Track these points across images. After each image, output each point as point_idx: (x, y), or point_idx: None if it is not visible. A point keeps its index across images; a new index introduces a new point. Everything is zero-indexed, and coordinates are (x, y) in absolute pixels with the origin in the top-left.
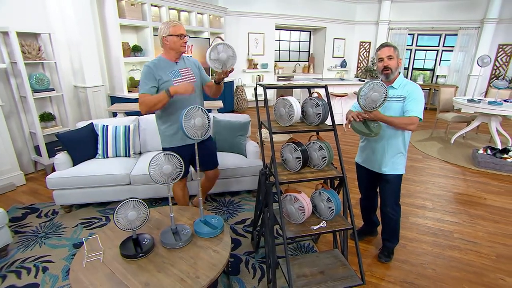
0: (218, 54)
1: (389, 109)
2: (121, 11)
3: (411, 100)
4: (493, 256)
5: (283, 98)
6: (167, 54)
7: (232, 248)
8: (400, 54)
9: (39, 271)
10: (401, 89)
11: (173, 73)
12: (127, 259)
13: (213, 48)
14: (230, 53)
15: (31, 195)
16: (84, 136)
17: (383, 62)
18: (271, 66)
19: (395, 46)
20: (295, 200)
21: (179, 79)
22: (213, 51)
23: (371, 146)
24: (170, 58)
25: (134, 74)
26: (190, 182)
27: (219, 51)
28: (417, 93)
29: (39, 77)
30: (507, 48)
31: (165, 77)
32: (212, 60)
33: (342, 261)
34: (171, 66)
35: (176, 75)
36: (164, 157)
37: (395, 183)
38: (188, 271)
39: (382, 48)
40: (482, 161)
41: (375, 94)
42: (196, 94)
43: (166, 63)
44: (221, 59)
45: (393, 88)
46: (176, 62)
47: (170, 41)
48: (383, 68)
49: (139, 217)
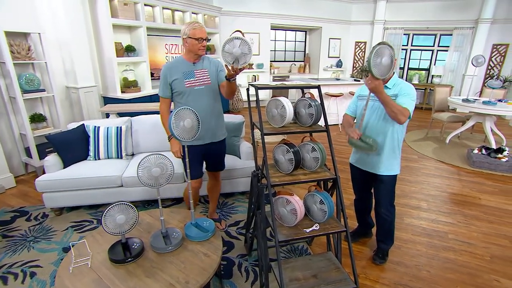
0: (233, 48)
1: (383, 110)
2: (113, 10)
3: (402, 95)
4: (487, 257)
5: (275, 99)
6: (186, 55)
7: (225, 250)
8: (395, 54)
9: (27, 277)
10: (395, 89)
11: (186, 73)
12: (115, 264)
13: (230, 40)
14: (246, 50)
15: (21, 198)
16: (75, 137)
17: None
18: (266, 66)
19: (391, 46)
20: (287, 203)
21: (192, 80)
22: (229, 43)
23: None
24: (189, 59)
25: (128, 74)
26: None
27: (235, 45)
28: (408, 90)
29: (29, 78)
30: (501, 48)
31: (176, 75)
32: (225, 52)
33: (335, 264)
34: (188, 66)
35: (189, 76)
36: (154, 160)
37: (390, 184)
38: (177, 276)
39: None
40: (477, 161)
41: (385, 59)
42: (210, 96)
43: (183, 63)
44: (235, 54)
45: (387, 88)
46: (194, 63)
47: (190, 43)
48: None
49: (128, 221)
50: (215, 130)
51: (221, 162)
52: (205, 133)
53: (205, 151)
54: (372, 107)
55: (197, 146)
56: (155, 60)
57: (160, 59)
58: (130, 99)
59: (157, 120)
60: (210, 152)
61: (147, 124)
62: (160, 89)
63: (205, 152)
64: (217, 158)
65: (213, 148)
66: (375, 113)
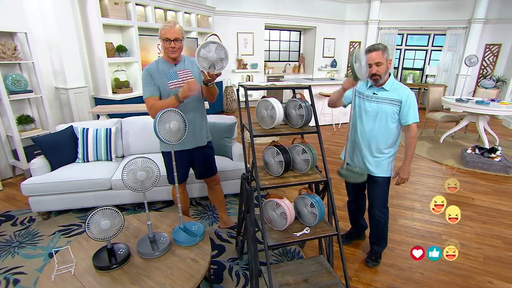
0: (208, 53)
1: (381, 111)
2: (104, 10)
3: (408, 107)
4: (480, 258)
5: (265, 100)
6: (165, 56)
7: (216, 254)
8: (390, 54)
9: (10, 284)
10: (393, 92)
11: (169, 75)
12: (100, 270)
13: (205, 45)
14: (222, 55)
15: (7, 202)
16: (63, 139)
17: (371, 68)
18: (261, 66)
19: (385, 46)
20: (277, 206)
21: (175, 81)
22: (204, 48)
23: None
24: (168, 60)
25: (119, 75)
26: (191, 185)
27: (210, 49)
28: (411, 99)
29: (15, 78)
30: (493, 48)
31: (158, 77)
32: (200, 57)
33: (327, 268)
34: (169, 67)
35: (172, 77)
36: (140, 163)
37: (384, 185)
38: (164, 283)
39: (370, 52)
40: (471, 161)
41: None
42: (195, 98)
43: (164, 64)
44: (210, 59)
45: (385, 90)
46: (175, 64)
47: (161, 44)
48: (372, 74)
49: (114, 226)
50: (201, 133)
51: (211, 167)
52: (191, 137)
53: (192, 156)
54: (375, 114)
55: (184, 152)
56: (147, 60)
57: (152, 59)
58: (122, 100)
59: (148, 121)
60: (198, 158)
61: (138, 126)
62: (147, 90)
63: (192, 158)
64: (206, 164)
65: (200, 153)
66: (378, 121)
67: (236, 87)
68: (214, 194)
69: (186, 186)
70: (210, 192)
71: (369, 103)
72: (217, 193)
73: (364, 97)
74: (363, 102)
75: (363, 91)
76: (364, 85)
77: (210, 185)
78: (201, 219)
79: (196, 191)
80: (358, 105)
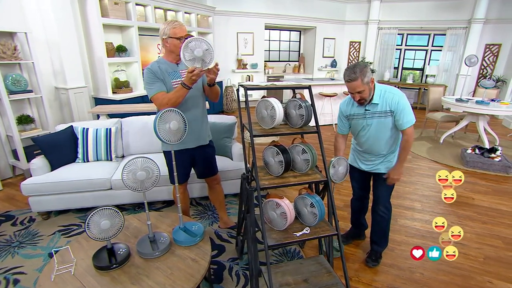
0: (192, 52)
1: (378, 124)
2: (104, 10)
3: (400, 113)
4: (480, 258)
5: (265, 100)
6: (168, 56)
7: (216, 254)
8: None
9: (10, 284)
10: (383, 102)
11: (172, 75)
12: (100, 270)
13: (185, 48)
14: (204, 46)
15: (7, 202)
16: (63, 139)
17: (354, 95)
18: (261, 66)
19: (362, 70)
20: (277, 206)
21: (179, 80)
22: (186, 51)
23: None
24: (171, 60)
25: (119, 75)
26: (191, 185)
27: (191, 48)
28: (402, 103)
29: (15, 78)
30: (493, 48)
31: (162, 76)
32: (188, 61)
33: (327, 268)
34: (172, 68)
35: (176, 76)
36: (140, 163)
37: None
38: (164, 283)
39: (348, 83)
40: (471, 161)
41: (341, 168)
42: (198, 97)
43: (167, 65)
44: (198, 56)
45: (375, 104)
46: (177, 64)
47: (170, 43)
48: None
49: (113, 226)
50: (202, 132)
51: (212, 167)
52: (193, 136)
53: (194, 156)
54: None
55: (186, 151)
56: (147, 60)
57: (152, 59)
58: (122, 100)
59: (148, 121)
60: (200, 157)
61: (138, 125)
62: (153, 88)
63: (194, 157)
64: (207, 163)
65: (202, 152)
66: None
67: (236, 87)
68: (214, 193)
69: (187, 186)
70: (211, 192)
71: (364, 120)
72: (217, 193)
73: (359, 117)
74: (357, 121)
75: (354, 112)
76: (352, 106)
77: (211, 184)
78: (201, 219)
79: (197, 191)
80: (354, 126)
